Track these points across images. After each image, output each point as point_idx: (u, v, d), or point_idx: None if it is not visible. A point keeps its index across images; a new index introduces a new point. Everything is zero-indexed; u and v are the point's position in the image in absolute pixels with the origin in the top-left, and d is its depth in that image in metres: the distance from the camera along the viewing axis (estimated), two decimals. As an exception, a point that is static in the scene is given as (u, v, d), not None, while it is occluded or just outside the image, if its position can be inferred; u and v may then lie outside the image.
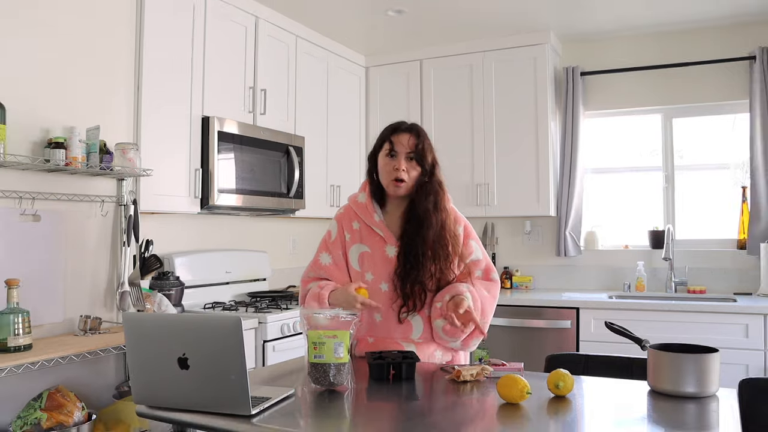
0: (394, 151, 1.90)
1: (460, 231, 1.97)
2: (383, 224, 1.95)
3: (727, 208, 3.95)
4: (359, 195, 2.02)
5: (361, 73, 4.49)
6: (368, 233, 1.96)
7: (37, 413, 2.17)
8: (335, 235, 2.00)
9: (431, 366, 1.83)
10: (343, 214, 2.03)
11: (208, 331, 1.32)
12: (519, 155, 4.04)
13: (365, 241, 1.96)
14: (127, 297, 2.73)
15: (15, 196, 2.39)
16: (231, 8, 3.28)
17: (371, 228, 1.95)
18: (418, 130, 1.93)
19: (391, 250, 1.92)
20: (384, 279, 1.91)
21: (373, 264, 1.93)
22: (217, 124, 3.08)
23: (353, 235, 1.97)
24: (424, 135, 1.93)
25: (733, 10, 3.66)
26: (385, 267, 1.92)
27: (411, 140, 1.90)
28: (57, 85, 2.55)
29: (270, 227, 4.00)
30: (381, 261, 1.93)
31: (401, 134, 1.91)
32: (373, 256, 1.94)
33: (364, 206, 1.98)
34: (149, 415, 1.40)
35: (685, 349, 1.53)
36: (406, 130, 1.91)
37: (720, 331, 3.24)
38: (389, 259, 1.92)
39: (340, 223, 2.01)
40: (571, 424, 1.29)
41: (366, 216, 1.96)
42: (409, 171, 1.90)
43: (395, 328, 1.91)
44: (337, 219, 2.03)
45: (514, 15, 3.74)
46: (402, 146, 1.89)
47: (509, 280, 4.25)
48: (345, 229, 1.99)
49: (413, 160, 1.90)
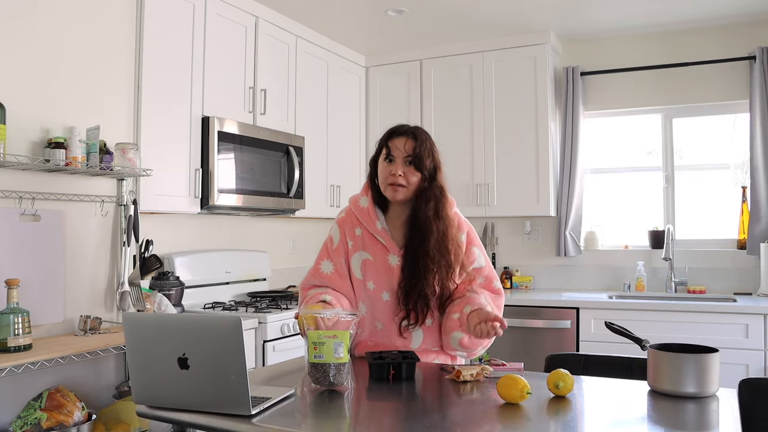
0: (391, 155, 1.85)
1: (462, 239, 1.93)
2: (386, 232, 1.90)
3: (727, 208, 3.95)
4: (361, 198, 1.96)
5: (361, 73, 4.49)
6: (371, 241, 1.91)
7: (37, 413, 2.17)
8: (337, 241, 1.94)
9: (431, 366, 1.83)
10: (344, 218, 1.97)
11: (208, 331, 1.32)
12: (519, 155, 4.04)
13: (367, 248, 1.91)
14: (127, 297, 2.73)
15: (15, 196, 2.39)
16: (231, 8, 3.28)
17: (374, 236, 1.91)
18: (416, 133, 1.86)
19: (393, 260, 1.88)
20: (386, 288, 1.88)
21: (375, 273, 1.89)
22: (217, 124, 3.08)
23: (356, 242, 1.92)
24: (423, 138, 1.86)
25: (733, 10, 3.66)
26: (388, 276, 1.88)
27: (408, 144, 1.83)
28: (57, 85, 2.55)
29: (270, 227, 4.00)
30: (383, 270, 1.89)
31: (398, 138, 1.85)
32: (375, 265, 1.89)
33: (366, 212, 1.92)
34: (149, 415, 1.40)
35: (685, 349, 1.53)
36: (404, 134, 1.85)
37: (720, 331, 3.24)
38: (392, 269, 1.88)
39: (342, 229, 1.95)
40: (571, 424, 1.29)
41: (368, 223, 1.91)
42: (408, 176, 1.84)
43: (395, 339, 1.89)
44: (339, 224, 1.97)
45: (514, 15, 3.74)
46: (399, 150, 1.84)
47: (509, 280, 4.25)
48: (347, 235, 1.93)
49: (411, 165, 1.84)
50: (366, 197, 1.95)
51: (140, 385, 1.40)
